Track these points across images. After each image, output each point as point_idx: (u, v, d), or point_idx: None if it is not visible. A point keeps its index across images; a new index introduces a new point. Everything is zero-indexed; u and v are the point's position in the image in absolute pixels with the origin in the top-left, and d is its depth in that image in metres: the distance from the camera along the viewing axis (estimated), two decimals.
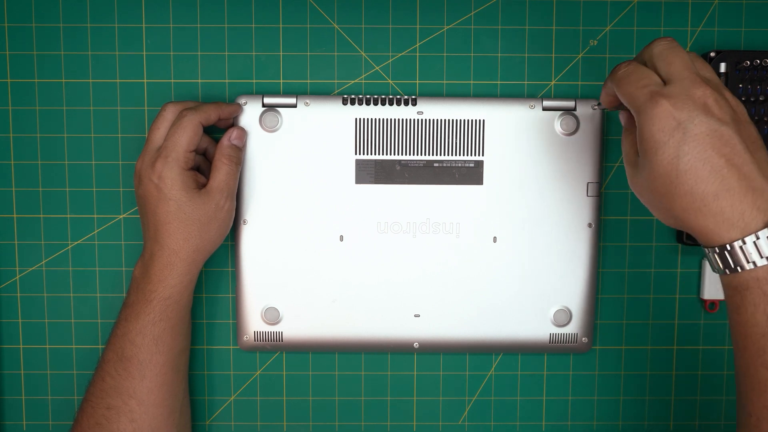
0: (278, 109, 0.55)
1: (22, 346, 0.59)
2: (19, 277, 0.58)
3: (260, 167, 0.55)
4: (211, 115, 0.52)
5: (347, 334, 0.57)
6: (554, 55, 0.57)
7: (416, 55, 0.57)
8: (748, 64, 0.54)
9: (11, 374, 0.59)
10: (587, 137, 0.55)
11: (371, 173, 0.56)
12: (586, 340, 0.57)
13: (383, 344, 0.57)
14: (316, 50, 0.57)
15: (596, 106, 0.54)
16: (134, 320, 0.51)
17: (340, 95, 0.56)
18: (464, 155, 0.55)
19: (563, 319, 0.57)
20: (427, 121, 0.55)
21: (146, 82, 0.57)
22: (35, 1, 0.56)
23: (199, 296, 0.58)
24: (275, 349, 0.58)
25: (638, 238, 0.58)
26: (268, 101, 0.55)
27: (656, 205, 0.44)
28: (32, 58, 0.56)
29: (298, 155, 0.55)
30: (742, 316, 0.42)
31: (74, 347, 0.59)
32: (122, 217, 0.58)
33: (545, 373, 0.60)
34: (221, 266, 0.58)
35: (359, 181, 0.56)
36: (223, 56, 0.57)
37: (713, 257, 0.42)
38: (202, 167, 0.55)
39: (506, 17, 0.57)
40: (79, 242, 0.58)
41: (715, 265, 0.42)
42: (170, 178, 0.50)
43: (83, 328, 0.59)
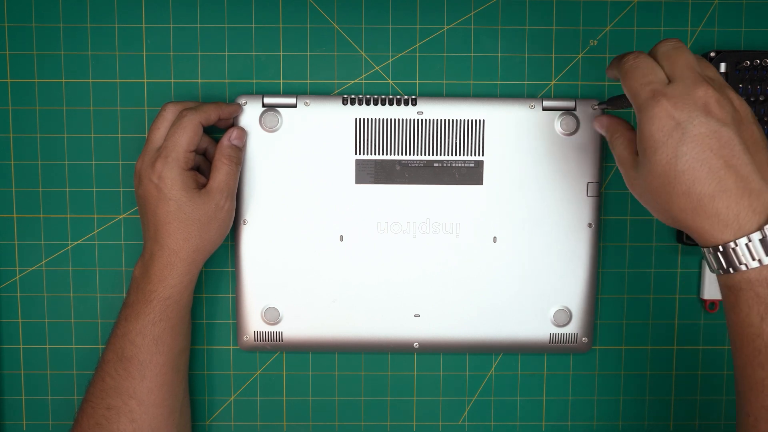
0: (278, 109, 0.55)
1: (22, 346, 0.59)
2: (19, 277, 0.58)
3: (260, 167, 0.55)
4: (211, 115, 0.52)
5: (347, 334, 0.57)
6: (554, 55, 0.57)
7: (416, 55, 0.57)
8: (748, 64, 0.54)
9: (11, 374, 0.59)
10: (587, 137, 0.55)
11: (371, 173, 0.56)
12: (586, 340, 0.57)
13: (383, 344, 0.57)
14: (316, 50, 0.57)
15: (596, 106, 0.54)
16: (134, 320, 0.51)
17: (340, 95, 0.56)
18: (464, 155, 0.55)
19: (563, 319, 0.57)
20: (427, 121, 0.55)
21: (146, 82, 0.57)
22: (35, 1, 0.56)
23: (199, 296, 0.58)
24: (275, 349, 0.58)
25: (638, 238, 0.58)
26: (268, 101, 0.55)
27: (654, 204, 0.44)
28: (32, 58, 0.56)
29: (298, 155, 0.55)
30: (737, 316, 0.42)
31: (74, 347, 0.59)
32: (122, 217, 0.58)
33: (545, 373, 0.60)
34: (221, 266, 0.58)
35: (359, 181, 0.56)
36: (223, 56, 0.57)
37: (709, 257, 0.42)
38: (202, 167, 0.55)
39: (506, 17, 0.57)
40: (79, 242, 0.58)
41: (711, 264, 0.42)
42: (170, 178, 0.50)
43: (83, 328, 0.59)
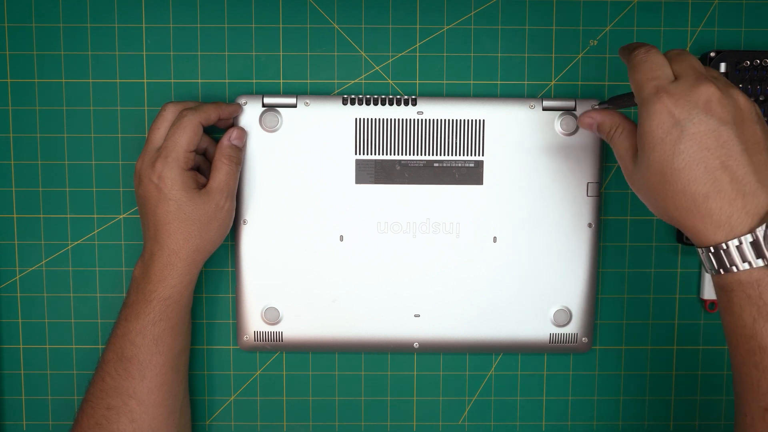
0: (278, 109, 0.55)
1: (22, 346, 0.59)
2: (19, 277, 0.58)
3: (260, 167, 0.55)
4: (211, 115, 0.52)
5: (347, 334, 0.57)
6: (554, 55, 0.57)
7: (416, 55, 0.57)
8: (748, 64, 0.54)
9: (11, 374, 0.59)
10: (587, 137, 0.55)
11: (371, 173, 0.56)
12: (586, 340, 0.57)
13: (383, 344, 0.57)
14: (316, 50, 0.57)
15: (596, 106, 0.54)
16: (134, 320, 0.51)
17: (340, 95, 0.56)
18: (464, 155, 0.55)
19: (563, 319, 0.57)
20: (427, 121, 0.55)
21: (146, 82, 0.57)
22: (35, 1, 0.56)
23: (199, 296, 0.58)
24: (275, 349, 0.58)
25: (638, 238, 0.58)
26: (268, 101, 0.55)
27: (652, 201, 0.44)
28: (32, 58, 0.56)
29: (298, 155, 0.55)
30: (731, 317, 0.42)
31: (74, 347, 0.59)
32: (122, 217, 0.58)
33: (545, 373, 0.60)
34: (221, 266, 0.58)
35: (359, 181, 0.56)
36: (223, 56, 0.57)
37: (703, 257, 0.42)
38: (202, 167, 0.55)
39: (506, 17, 0.57)
40: (79, 242, 0.58)
41: (705, 264, 0.42)
42: (170, 178, 0.50)
43: (83, 328, 0.59)
